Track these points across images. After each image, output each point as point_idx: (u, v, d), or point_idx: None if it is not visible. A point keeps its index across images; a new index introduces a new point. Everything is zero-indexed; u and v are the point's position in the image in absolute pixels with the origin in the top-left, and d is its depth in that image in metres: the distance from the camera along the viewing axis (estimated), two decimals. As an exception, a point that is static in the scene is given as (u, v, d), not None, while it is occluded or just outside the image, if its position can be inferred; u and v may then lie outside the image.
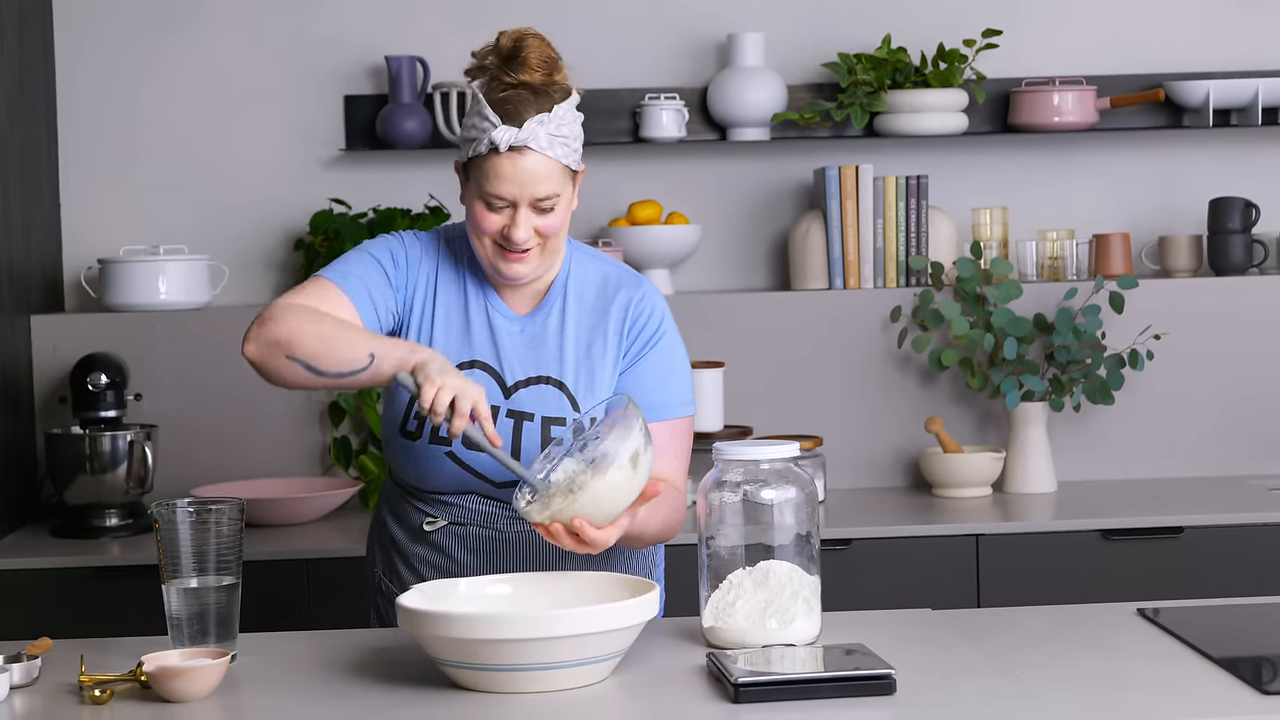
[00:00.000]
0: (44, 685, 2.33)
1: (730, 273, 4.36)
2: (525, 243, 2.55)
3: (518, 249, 2.55)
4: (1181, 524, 3.75)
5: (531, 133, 2.51)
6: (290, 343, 2.46)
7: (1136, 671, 2.31)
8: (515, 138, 2.51)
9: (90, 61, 4.26)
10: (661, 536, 2.60)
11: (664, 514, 2.57)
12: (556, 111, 2.54)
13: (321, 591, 3.60)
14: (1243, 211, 4.22)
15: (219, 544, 2.38)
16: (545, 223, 2.55)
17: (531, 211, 2.54)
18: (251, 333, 2.49)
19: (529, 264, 2.58)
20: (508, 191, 2.52)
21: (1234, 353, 4.23)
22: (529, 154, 2.52)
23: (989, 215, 4.24)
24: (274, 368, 2.49)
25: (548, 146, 2.52)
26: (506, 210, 2.54)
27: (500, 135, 2.51)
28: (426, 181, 4.24)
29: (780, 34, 4.30)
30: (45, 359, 4.08)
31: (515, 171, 2.52)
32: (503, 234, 2.55)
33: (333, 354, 2.44)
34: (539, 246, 2.57)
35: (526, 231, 2.54)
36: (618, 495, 2.37)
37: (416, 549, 2.68)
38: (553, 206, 2.55)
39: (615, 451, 2.36)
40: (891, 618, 2.63)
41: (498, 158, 2.52)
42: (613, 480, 2.35)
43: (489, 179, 2.53)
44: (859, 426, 4.20)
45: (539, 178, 2.52)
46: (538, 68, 2.56)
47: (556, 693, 2.20)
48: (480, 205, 2.56)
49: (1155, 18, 4.36)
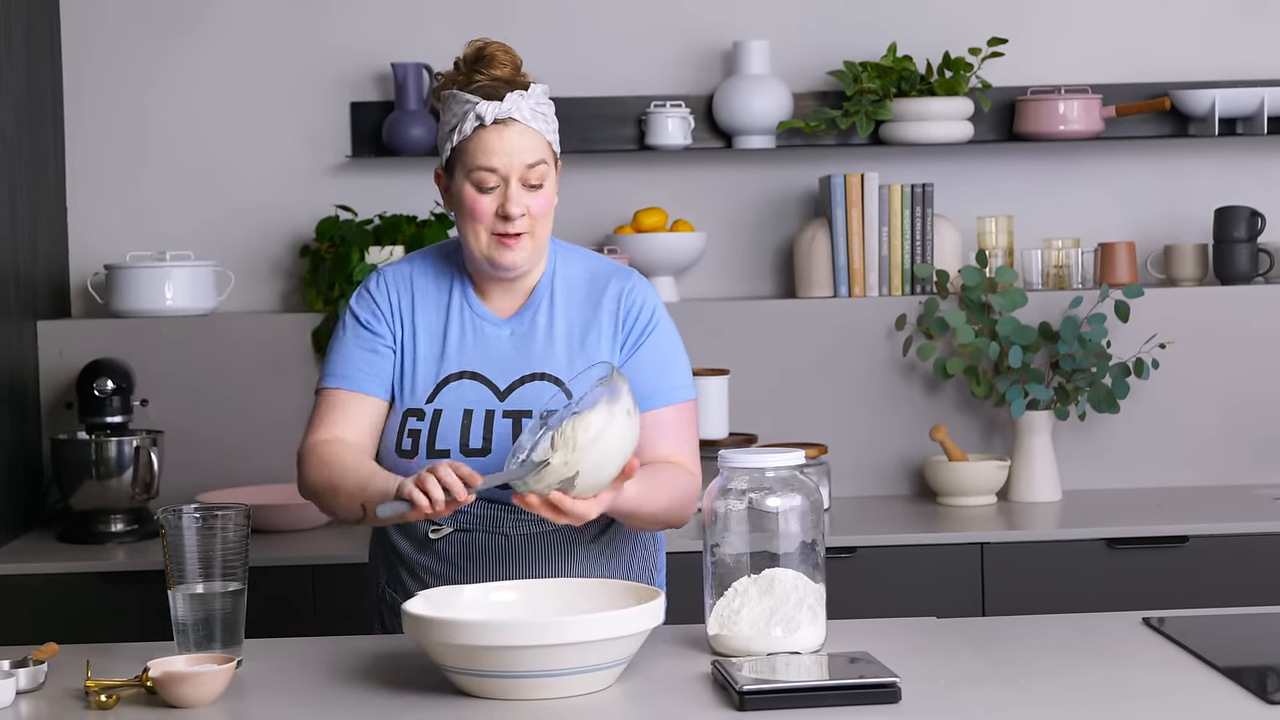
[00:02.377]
0: (50, 690, 2.34)
1: (735, 280, 4.37)
2: (520, 218, 2.58)
3: (514, 228, 2.58)
4: (1186, 533, 3.75)
5: (514, 104, 2.58)
6: (315, 496, 2.66)
7: (1142, 681, 2.31)
8: (499, 110, 2.57)
9: (97, 68, 4.27)
10: (669, 518, 2.61)
11: (669, 494, 2.59)
12: (534, 89, 2.61)
13: (327, 597, 3.61)
14: (1248, 220, 4.22)
15: (225, 550, 2.39)
16: (535, 201, 2.60)
17: (522, 188, 2.58)
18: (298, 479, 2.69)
19: (524, 251, 2.61)
20: (498, 162, 2.57)
21: (1239, 362, 4.23)
22: (513, 125, 2.58)
23: (994, 223, 4.24)
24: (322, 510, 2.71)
25: (531, 118, 2.59)
26: (498, 189, 2.59)
27: (484, 109, 2.57)
28: (432, 188, 4.23)
29: (786, 42, 4.31)
30: (51, 364, 4.09)
31: (502, 143, 2.57)
32: (498, 214, 2.58)
33: (339, 511, 2.63)
34: (530, 233, 2.60)
35: (519, 206, 2.58)
36: (607, 449, 2.37)
37: (421, 559, 2.69)
38: (541, 182, 2.60)
39: (601, 404, 2.38)
40: (896, 626, 2.63)
41: (484, 133, 2.57)
42: (602, 431, 2.36)
43: (477, 154, 2.58)
44: (864, 434, 4.20)
45: (526, 147, 2.58)
46: (506, 64, 2.63)
47: (561, 699, 2.21)
48: (471, 191, 2.59)
49: (1161, 26, 4.36)
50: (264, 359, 4.11)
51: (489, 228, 2.60)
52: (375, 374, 2.66)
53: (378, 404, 2.67)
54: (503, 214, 2.58)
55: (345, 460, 2.60)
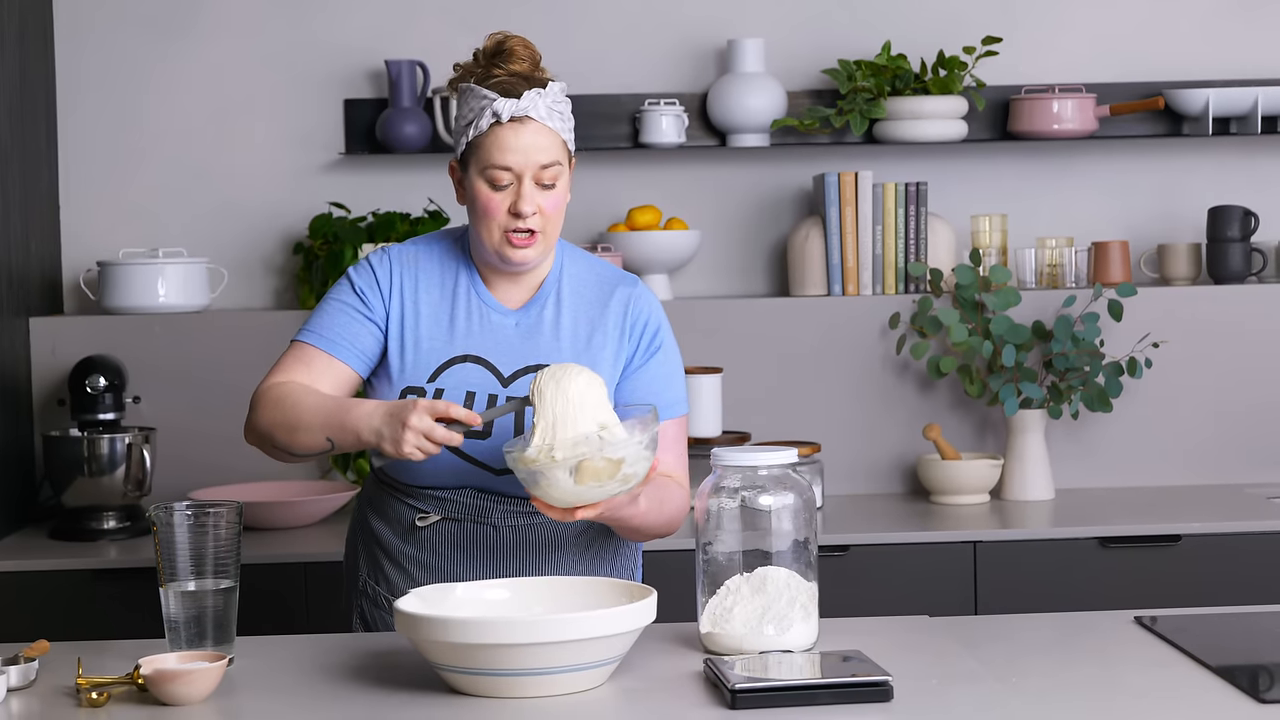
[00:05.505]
0: (41, 688, 2.33)
1: (729, 278, 4.36)
2: (532, 216, 2.57)
3: (526, 225, 2.58)
4: (1179, 532, 3.75)
5: (531, 102, 2.57)
6: (269, 432, 2.60)
7: (1134, 680, 2.31)
8: (516, 108, 2.56)
9: (90, 64, 4.26)
10: (664, 531, 2.63)
11: (670, 509, 2.60)
12: (551, 87, 2.61)
13: (319, 595, 3.60)
14: (1242, 220, 4.22)
15: (217, 547, 2.38)
16: (548, 200, 2.60)
17: (535, 187, 2.58)
18: (247, 422, 2.64)
19: (536, 248, 2.61)
20: (513, 161, 2.57)
21: (1233, 361, 4.23)
22: (530, 123, 2.57)
23: (988, 222, 4.24)
24: (268, 451, 2.65)
25: (547, 117, 2.59)
26: (511, 187, 2.58)
27: (501, 106, 2.56)
28: (426, 185, 4.24)
29: (780, 40, 4.31)
30: (44, 361, 4.08)
31: (518, 141, 2.57)
32: (510, 211, 2.58)
33: (299, 440, 2.56)
34: (541, 232, 2.60)
35: (532, 205, 2.58)
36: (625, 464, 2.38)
37: (406, 548, 2.68)
38: (554, 181, 2.60)
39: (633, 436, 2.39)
40: (889, 624, 2.63)
41: (500, 129, 2.57)
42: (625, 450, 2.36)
43: (492, 152, 2.57)
44: (857, 433, 4.20)
45: (541, 146, 2.58)
46: (525, 59, 2.63)
47: (554, 698, 2.21)
48: (484, 187, 2.59)
49: (1155, 25, 4.36)
50: (257, 356, 4.09)
51: (501, 225, 2.60)
52: (353, 343, 2.65)
53: (346, 371, 2.65)
54: (515, 211, 2.58)
55: (303, 397, 2.58)
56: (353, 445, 2.52)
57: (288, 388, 2.61)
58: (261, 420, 2.61)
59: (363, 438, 2.49)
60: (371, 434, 2.48)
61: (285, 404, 2.58)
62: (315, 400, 2.57)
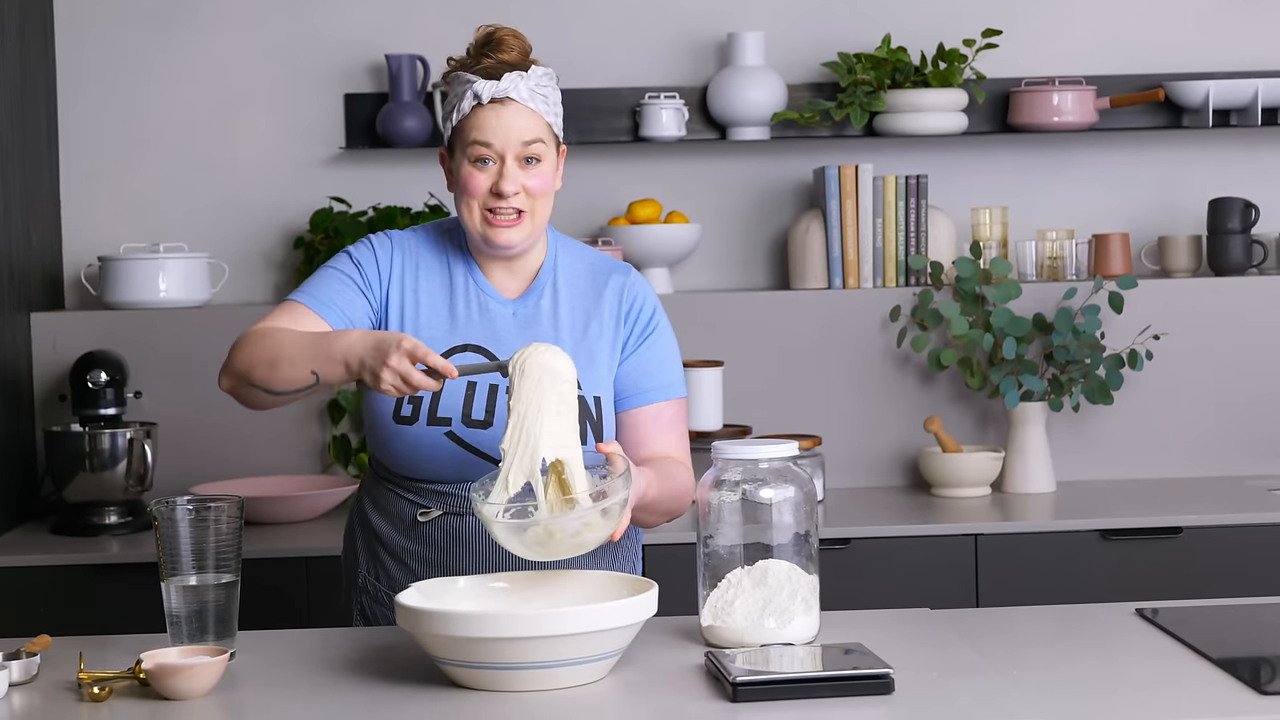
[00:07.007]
0: (43, 682, 2.33)
1: (730, 272, 4.36)
2: (514, 197, 2.58)
3: (508, 207, 2.59)
4: (1180, 524, 3.75)
5: (512, 83, 2.59)
6: (248, 369, 2.54)
7: (1135, 671, 2.31)
8: (496, 89, 2.58)
9: (91, 59, 4.26)
10: (669, 514, 2.64)
11: (678, 489, 2.61)
12: (534, 70, 2.62)
13: (320, 589, 3.60)
14: (1242, 212, 4.22)
15: (218, 541, 2.38)
16: (532, 180, 2.60)
17: (518, 167, 2.59)
18: (224, 364, 2.58)
19: (519, 231, 2.62)
20: (493, 139, 2.58)
21: (1233, 353, 4.23)
22: (511, 104, 2.59)
23: (988, 215, 4.24)
24: (242, 396, 2.59)
25: (529, 99, 2.60)
26: (494, 166, 2.60)
27: (482, 88, 2.58)
28: (426, 180, 4.24)
29: (780, 33, 4.31)
30: (45, 356, 4.09)
31: (498, 121, 2.58)
32: (492, 190, 2.59)
33: (280, 374, 2.51)
34: (528, 213, 2.61)
35: (515, 184, 2.59)
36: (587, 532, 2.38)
37: (407, 543, 2.68)
38: (539, 159, 2.60)
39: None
40: (890, 617, 2.63)
41: (481, 110, 2.59)
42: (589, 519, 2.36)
43: (472, 131, 2.59)
44: (858, 426, 4.20)
45: (522, 126, 2.59)
46: (514, 49, 2.64)
47: (555, 691, 2.21)
48: (467, 167, 2.61)
49: (1155, 17, 4.36)
50: (258, 351, 4.10)
51: (482, 204, 2.61)
52: (344, 310, 2.63)
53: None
54: (497, 191, 2.59)
55: (286, 335, 2.54)
56: (339, 377, 2.46)
57: (271, 330, 2.58)
58: (239, 358, 2.55)
59: (349, 365, 2.45)
60: (356, 361, 2.44)
61: (267, 341, 2.55)
62: (299, 336, 2.54)
